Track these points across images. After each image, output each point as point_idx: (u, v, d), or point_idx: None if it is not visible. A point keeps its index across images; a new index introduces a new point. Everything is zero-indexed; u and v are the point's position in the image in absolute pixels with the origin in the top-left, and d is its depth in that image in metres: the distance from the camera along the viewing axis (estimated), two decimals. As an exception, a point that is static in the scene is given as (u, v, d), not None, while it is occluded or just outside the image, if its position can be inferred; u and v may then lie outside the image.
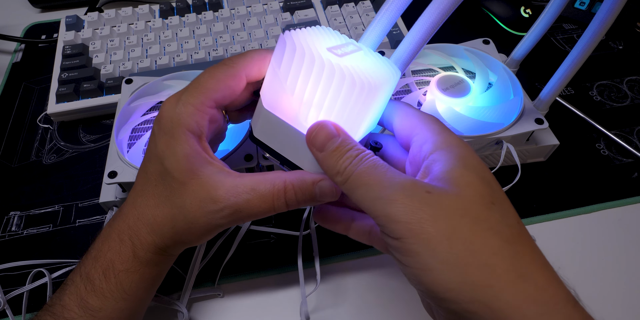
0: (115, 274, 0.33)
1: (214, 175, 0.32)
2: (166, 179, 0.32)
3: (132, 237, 0.33)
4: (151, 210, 0.33)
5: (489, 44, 0.55)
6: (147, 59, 0.62)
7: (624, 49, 0.66)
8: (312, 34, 0.31)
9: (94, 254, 0.34)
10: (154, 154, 0.33)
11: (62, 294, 0.34)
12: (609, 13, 0.39)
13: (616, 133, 0.56)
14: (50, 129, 0.61)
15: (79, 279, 0.34)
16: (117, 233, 0.34)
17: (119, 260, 0.33)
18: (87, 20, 0.68)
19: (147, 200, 0.33)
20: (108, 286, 0.33)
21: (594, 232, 0.48)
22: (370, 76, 0.29)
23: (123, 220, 0.34)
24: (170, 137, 0.32)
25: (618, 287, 0.45)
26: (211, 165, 0.32)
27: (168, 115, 0.32)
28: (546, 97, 0.49)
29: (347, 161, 0.29)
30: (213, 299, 0.45)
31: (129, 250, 0.33)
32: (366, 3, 0.67)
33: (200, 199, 0.31)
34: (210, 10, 0.68)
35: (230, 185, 0.31)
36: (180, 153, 0.31)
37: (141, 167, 0.34)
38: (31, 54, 0.71)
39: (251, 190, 0.31)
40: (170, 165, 0.32)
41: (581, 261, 0.46)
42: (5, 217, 0.52)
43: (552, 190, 0.51)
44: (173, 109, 0.32)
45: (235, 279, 0.46)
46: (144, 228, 0.33)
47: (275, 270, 0.47)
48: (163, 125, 0.32)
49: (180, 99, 0.32)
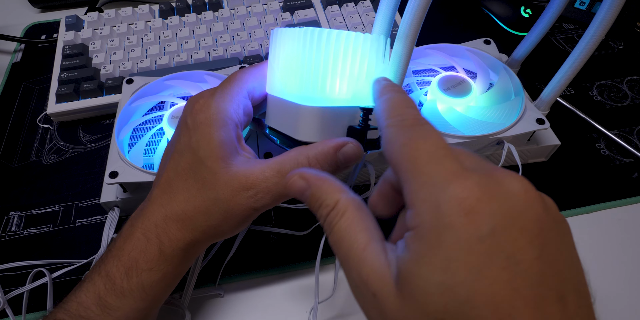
0: (138, 273, 0.33)
1: (244, 164, 0.33)
2: (198, 170, 0.33)
3: (160, 234, 0.33)
4: (181, 206, 0.33)
5: (490, 44, 0.55)
6: (147, 59, 0.62)
7: (624, 49, 0.66)
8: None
9: (116, 253, 0.34)
10: (187, 146, 0.34)
11: (79, 292, 0.33)
12: (608, 12, 0.39)
13: (616, 133, 0.56)
14: (50, 129, 0.61)
15: (97, 277, 0.33)
16: (141, 232, 0.34)
17: (143, 259, 0.33)
18: (87, 20, 0.68)
19: (174, 196, 0.34)
20: (129, 285, 0.33)
21: (594, 232, 0.48)
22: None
23: (148, 218, 0.34)
24: (207, 126, 0.33)
25: (618, 287, 0.44)
26: (241, 155, 0.34)
27: (205, 104, 0.34)
28: (547, 97, 0.49)
29: (321, 220, 0.27)
30: (214, 299, 0.45)
31: (155, 249, 0.33)
32: (366, 3, 0.67)
33: (233, 188, 0.32)
34: (210, 10, 0.68)
35: (259, 171, 0.33)
36: (217, 140, 0.33)
37: (168, 164, 0.35)
38: (31, 54, 0.71)
39: (277, 173, 0.32)
40: (204, 154, 0.33)
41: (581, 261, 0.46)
42: (5, 217, 0.52)
43: (553, 190, 0.51)
44: (209, 98, 0.34)
45: (236, 279, 0.46)
46: (174, 224, 0.33)
47: (276, 270, 0.46)
48: (198, 114, 0.34)
49: (215, 91, 0.35)
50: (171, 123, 0.48)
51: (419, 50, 0.54)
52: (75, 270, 0.47)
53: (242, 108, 0.35)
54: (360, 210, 0.26)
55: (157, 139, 0.49)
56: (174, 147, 0.35)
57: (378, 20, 0.35)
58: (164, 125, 0.49)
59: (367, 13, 0.66)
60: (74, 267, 0.47)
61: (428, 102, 0.50)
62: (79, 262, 0.47)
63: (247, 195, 0.32)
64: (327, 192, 0.27)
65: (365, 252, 0.24)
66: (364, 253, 0.24)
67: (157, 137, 0.49)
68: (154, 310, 0.36)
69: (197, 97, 0.35)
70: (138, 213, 0.35)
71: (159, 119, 0.51)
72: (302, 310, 0.44)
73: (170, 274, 0.34)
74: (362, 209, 0.26)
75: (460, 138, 0.46)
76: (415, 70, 0.55)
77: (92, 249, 0.48)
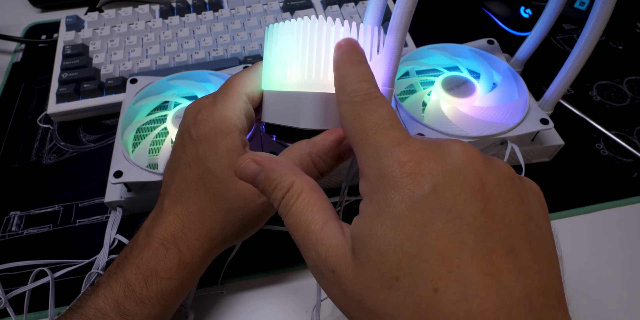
0: (157, 281, 0.34)
1: None
2: (208, 181, 0.33)
3: (179, 244, 0.34)
4: (196, 217, 0.34)
5: (494, 44, 0.56)
6: (147, 59, 0.62)
7: (624, 49, 0.66)
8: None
9: (133, 261, 0.34)
10: (194, 157, 0.34)
11: (95, 297, 0.33)
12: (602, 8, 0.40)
13: (616, 133, 0.56)
14: (51, 129, 0.61)
15: (116, 284, 0.34)
16: (159, 241, 0.34)
17: (162, 267, 0.34)
18: (87, 20, 0.68)
19: (189, 207, 0.34)
20: (148, 293, 0.33)
21: (594, 232, 0.48)
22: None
23: (165, 229, 0.34)
24: (213, 136, 0.33)
25: (618, 287, 0.45)
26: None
27: (208, 115, 0.34)
28: (550, 97, 0.49)
29: (275, 203, 0.27)
30: (216, 298, 0.45)
31: (174, 258, 0.34)
32: (366, 3, 0.67)
33: (245, 197, 0.33)
34: (210, 10, 0.68)
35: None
36: (223, 149, 0.33)
37: (176, 175, 0.35)
38: (31, 54, 0.71)
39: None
40: (213, 164, 0.33)
41: (581, 261, 0.46)
42: (6, 217, 0.52)
43: (553, 190, 0.51)
44: (211, 106, 0.34)
45: (238, 279, 0.46)
46: (192, 234, 0.34)
47: (278, 270, 0.46)
48: (204, 127, 0.34)
49: (216, 99, 0.34)
50: (175, 123, 0.48)
51: (422, 51, 0.54)
52: (77, 270, 0.47)
53: (244, 113, 0.35)
54: (315, 191, 0.26)
55: (161, 138, 0.49)
56: (180, 158, 0.35)
57: (369, 11, 0.35)
58: (167, 125, 0.48)
59: (367, 13, 0.66)
60: (75, 267, 0.47)
61: (432, 102, 0.50)
62: (80, 262, 0.47)
63: (260, 201, 0.33)
64: (282, 174, 0.27)
65: (323, 231, 0.25)
66: (322, 232, 0.24)
67: (161, 137, 0.49)
68: (170, 315, 0.36)
69: (197, 107, 0.35)
70: (153, 222, 0.35)
71: (163, 119, 0.51)
72: (304, 309, 0.44)
73: (188, 280, 0.35)
74: (317, 190, 0.26)
75: (464, 138, 0.46)
76: (418, 70, 0.55)
77: (93, 249, 0.48)
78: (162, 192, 0.37)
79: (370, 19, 0.35)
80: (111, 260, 0.46)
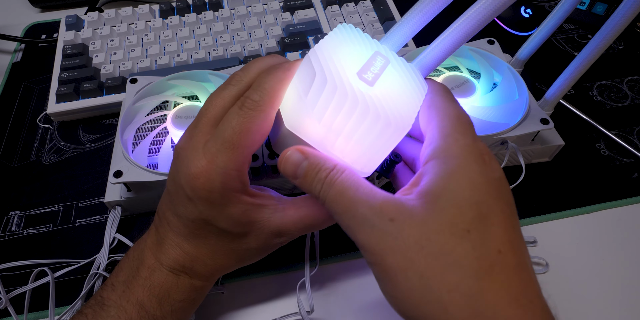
0: (171, 303, 0.34)
1: (271, 214, 0.33)
2: (221, 235, 0.33)
3: (189, 272, 0.34)
4: (208, 256, 0.34)
5: (494, 44, 0.55)
6: (147, 58, 0.62)
7: (624, 49, 0.66)
8: (337, 50, 0.30)
9: (143, 282, 0.34)
10: (196, 217, 0.32)
11: (107, 316, 0.33)
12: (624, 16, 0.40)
13: (616, 133, 0.56)
14: (50, 129, 0.61)
15: (127, 304, 0.33)
16: (169, 269, 0.34)
17: (175, 291, 0.34)
18: (87, 20, 0.68)
19: (199, 248, 0.34)
20: (162, 313, 0.34)
21: (594, 232, 0.48)
22: (402, 115, 0.29)
23: (174, 260, 0.34)
24: (220, 206, 0.31)
25: (618, 287, 0.45)
26: (266, 210, 0.33)
27: (208, 184, 0.29)
28: (552, 97, 0.49)
29: (318, 186, 0.28)
30: (217, 298, 0.45)
31: (186, 284, 0.34)
32: (366, 3, 0.67)
33: (265, 237, 0.33)
34: (210, 10, 0.68)
35: (291, 223, 0.33)
36: (236, 215, 0.31)
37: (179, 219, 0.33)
38: (31, 53, 0.71)
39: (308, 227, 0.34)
40: (226, 226, 0.32)
41: (581, 261, 0.46)
42: (5, 217, 0.52)
43: (553, 190, 0.51)
44: (214, 177, 0.29)
45: (238, 278, 0.46)
46: (201, 267, 0.34)
47: (276, 270, 0.46)
48: (203, 195, 0.30)
49: (217, 164, 0.29)
50: (175, 123, 0.48)
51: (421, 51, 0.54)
52: (77, 270, 0.47)
53: (246, 170, 0.31)
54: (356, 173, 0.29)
55: (161, 138, 0.49)
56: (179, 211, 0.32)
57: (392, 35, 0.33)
58: (167, 125, 0.48)
59: (367, 13, 0.66)
60: (75, 266, 0.46)
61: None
62: (80, 261, 0.47)
63: (279, 240, 0.34)
64: (325, 159, 0.29)
65: (374, 189, 0.27)
66: (373, 190, 0.27)
67: (161, 137, 0.49)
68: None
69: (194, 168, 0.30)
70: (158, 247, 0.34)
71: (162, 119, 0.51)
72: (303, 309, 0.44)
73: (198, 299, 0.36)
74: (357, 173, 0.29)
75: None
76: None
77: (93, 249, 0.48)
78: (163, 220, 0.34)
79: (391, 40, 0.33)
80: (111, 259, 0.46)
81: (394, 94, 0.30)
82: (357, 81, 0.29)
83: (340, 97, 0.28)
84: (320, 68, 0.28)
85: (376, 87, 0.29)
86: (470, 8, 0.29)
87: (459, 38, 0.30)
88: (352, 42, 0.31)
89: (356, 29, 0.32)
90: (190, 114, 0.49)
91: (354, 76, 0.29)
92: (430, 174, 0.26)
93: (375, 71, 0.30)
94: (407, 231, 0.25)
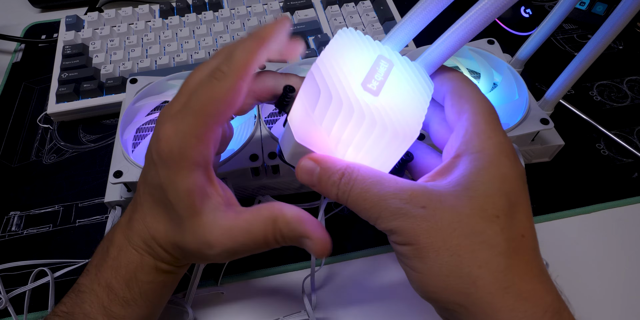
0: (138, 284, 0.33)
1: (212, 214, 0.31)
2: (170, 210, 0.31)
3: (152, 253, 0.33)
4: (162, 234, 0.33)
5: (494, 44, 0.55)
6: (147, 59, 0.62)
7: (624, 49, 0.66)
8: (340, 59, 0.30)
9: (112, 263, 0.34)
10: (157, 182, 0.31)
11: (82, 302, 0.33)
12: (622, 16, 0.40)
13: (616, 133, 0.56)
14: (50, 129, 0.61)
15: (98, 287, 0.33)
16: (134, 246, 0.33)
17: (141, 272, 0.33)
18: (87, 20, 0.68)
19: (157, 223, 0.33)
20: (132, 295, 0.33)
21: (594, 232, 0.48)
22: (409, 122, 0.29)
23: (138, 234, 0.33)
24: (173, 172, 0.30)
25: (618, 287, 0.45)
26: (211, 201, 0.31)
27: (169, 149, 0.29)
28: (552, 97, 0.49)
29: (334, 189, 0.29)
30: (216, 298, 0.45)
31: (150, 264, 0.33)
32: (366, 3, 0.67)
33: (197, 241, 0.31)
34: (210, 10, 0.68)
35: (226, 228, 0.31)
36: (183, 189, 0.30)
37: (145, 189, 0.33)
38: (31, 54, 0.71)
39: (246, 233, 0.31)
40: (173, 199, 0.30)
41: (581, 261, 0.46)
42: (5, 217, 0.52)
43: (553, 190, 0.51)
44: (174, 141, 0.29)
45: (237, 278, 0.46)
46: (160, 247, 0.33)
47: (277, 269, 0.47)
48: (164, 159, 0.30)
49: (179, 129, 0.29)
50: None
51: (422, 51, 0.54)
52: (76, 270, 0.47)
53: (211, 145, 0.31)
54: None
55: (160, 138, 0.49)
56: (147, 175, 0.32)
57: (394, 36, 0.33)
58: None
59: (367, 13, 0.66)
60: (74, 266, 0.47)
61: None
62: (79, 261, 0.47)
63: (213, 252, 0.31)
64: (335, 162, 0.30)
65: (398, 181, 0.28)
66: (397, 182, 0.28)
67: (159, 137, 0.49)
68: (157, 314, 0.37)
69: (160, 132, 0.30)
70: (127, 224, 0.34)
71: (161, 119, 0.51)
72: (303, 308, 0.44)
73: (168, 282, 0.35)
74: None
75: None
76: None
77: (93, 249, 0.47)
78: (136, 194, 0.35)
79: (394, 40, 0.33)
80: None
81: (400, 100, 0.30)
82: (361, 93, 0.29)
83: (346, 113, 0.28)
84: (324, 84, 0.28)
85: (381, 97, 0.29)
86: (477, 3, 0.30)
87: (465, 34, 0.31)
88: (355, 48, 0.31)
89: (357, 32, 0.32)
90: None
91: (359, 88, 0.29)
92: (463, 169, 0.28)
93: (379, 78, 0.30)
94: (440, 215, 0.27)
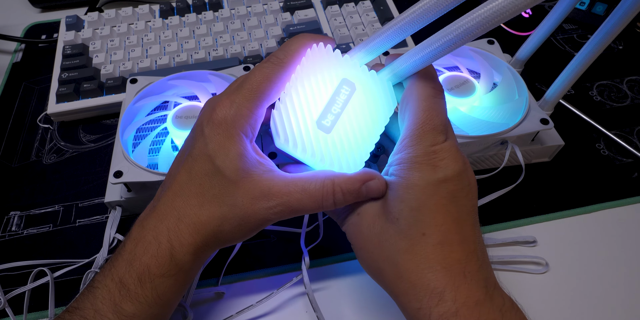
0: (151, 279, 0.33)
1: (266, 174, 0.33)
2: (215, 178, 0.33)
3: (172, 239, 0.33)
4: (194, 210, 0.33)
5: (494, 44, 0.55)
6: (147, 59, 0.62)
7: (624, 49, 0.66)
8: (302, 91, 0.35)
9: (127, 257, 0.33)
10: (203, 153, 0.33)
11: (94, 298, 0.33)
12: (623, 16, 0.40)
13: (616, 133, 0.56)
14: (50, 129, 0.61)
15: (111, 283, 0.33)
16: (153, 235, 0.33)
17: (155, 264, 0.33)
18: (87, 20, 0.68)
19: (188, 199, 0.33)
20: (143, 292, 0.33)
21: (594, 232, 0.48)
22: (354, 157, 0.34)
23: (160, 221, 0.33)
24: (224, 137, 0.33)
25: (618, 287, 0.45)
26: (262, 166, 0.34)
27: (223, 116, 0.33)
28: (551, 97, 0.49)
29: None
30: (216, 298, 0.45)
31: (166, 253, 0.33)
32: (366, 3, 0.67)
33: (253, 197, 0.33)
34: (210, 10, 0.68)
35: (283, 183, 0.33)
36: (234, 153, 0.32)
37: (182, 167, 0.34)
38: (31, 54, 0.71)
39: (302, 190, 0.33)
40: (222, 164, 0.32)
41: (581, 261, 0.46)
42: (5, 217, 0.52)
43: (553, 190, 0.51)
44: (228, 110, 0.33)
45: (237, 278, 0.46)
46: (186, 229, 0.33)
47: (275, 269, 0.47)
48: (217, 125, 0.33)
49: (235, 101, 0.33)
50: (175, 123, 0.48)
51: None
52: (76, 270, 0.47)
53: (259, 122, 0.35)
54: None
55: (161, 138, 0.49)
56: (187, 152, 0.35)
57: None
58: (168, 125, 0.48)
59: (367, 13, 0.66)
60: (74, 266, 0.46)
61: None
62: (79, 261, 0.47)
63: (267, 205, 0.33)
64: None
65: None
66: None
67: (161, 137, 0.49)
68: (168, 314, 0.36)
69: (215, 104, 0.34)
70: (148, 214, 0.34)
71: (163, 119, 0.51)
72: (304, 309, 0.44)
73: (181, 279, 0.34)
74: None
75: (464, 138, 0.46)
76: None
77: (93, 249, 0.48)
78: (164, 183, 0.36)
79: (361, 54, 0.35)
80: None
81: (351, 134, 0.35)
82: (315, 131, 0.34)
83: (301, 151, 0.34)
84: (282, 126, 0.35)
85: (333, 133, 0.34)
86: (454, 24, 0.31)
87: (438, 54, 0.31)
88: (321, 71, 0.35)
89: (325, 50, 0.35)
90: (191, 114, 0.49)
91: (313, 126, 0.34)
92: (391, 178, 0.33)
93: (336, 111, 0.35)
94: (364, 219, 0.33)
